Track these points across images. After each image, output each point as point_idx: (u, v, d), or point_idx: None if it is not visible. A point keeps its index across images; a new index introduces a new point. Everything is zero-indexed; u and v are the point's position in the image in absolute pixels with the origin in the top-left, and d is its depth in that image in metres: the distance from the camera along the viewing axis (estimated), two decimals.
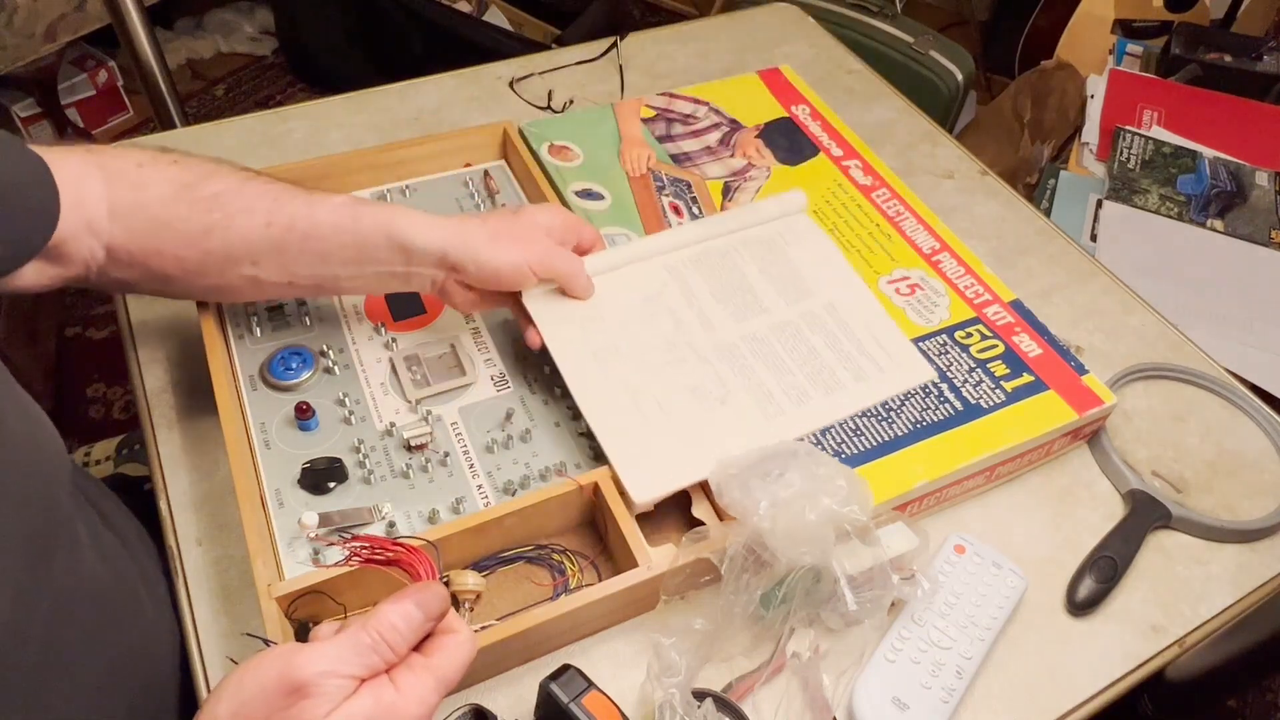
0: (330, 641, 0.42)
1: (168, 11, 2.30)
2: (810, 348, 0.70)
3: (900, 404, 0.68)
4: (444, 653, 0.44)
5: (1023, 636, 0.62)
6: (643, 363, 0.67)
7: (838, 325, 0.72)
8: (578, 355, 0.67)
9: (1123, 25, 1.74)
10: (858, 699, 0.56)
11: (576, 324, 0.68)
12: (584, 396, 0.65)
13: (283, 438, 0.63)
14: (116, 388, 1.65)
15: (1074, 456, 0.73)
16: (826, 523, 0.54)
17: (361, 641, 0.42)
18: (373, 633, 0.42)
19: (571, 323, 0.68)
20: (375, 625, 0.42)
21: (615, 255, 0.73)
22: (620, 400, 0.65)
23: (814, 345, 0.70)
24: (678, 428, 0.64)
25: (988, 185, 0.95)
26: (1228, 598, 0.66)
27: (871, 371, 0.69)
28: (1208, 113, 1.45)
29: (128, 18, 1.28)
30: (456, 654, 0.44)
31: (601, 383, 0.65)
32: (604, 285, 0.71)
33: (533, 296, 0.68)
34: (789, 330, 0.71)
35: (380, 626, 0.42)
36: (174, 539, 0.62)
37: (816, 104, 0.95)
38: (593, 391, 0.65)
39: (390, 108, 0.97)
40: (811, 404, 0.66)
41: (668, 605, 0.59)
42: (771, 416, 0.65)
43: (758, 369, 0.68)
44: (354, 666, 0.41)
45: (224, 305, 0.71)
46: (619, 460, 0.61)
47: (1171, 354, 0.81)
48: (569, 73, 1.04)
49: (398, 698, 0.41)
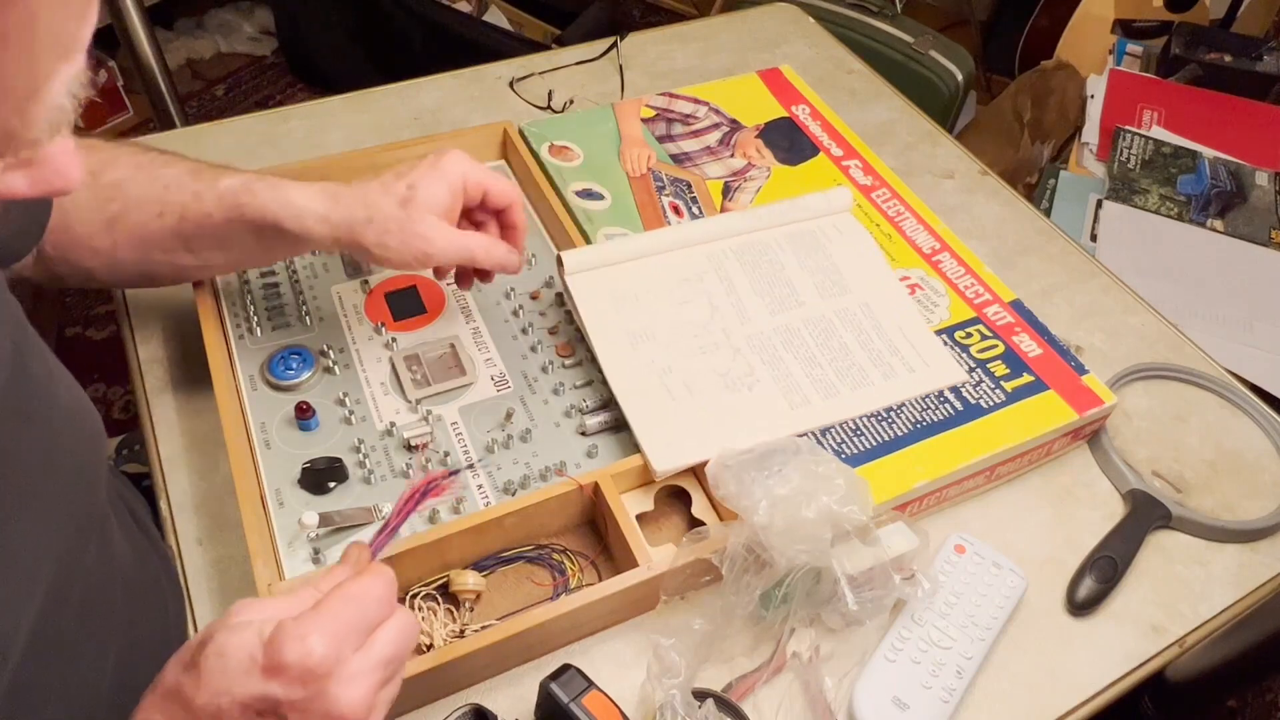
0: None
1: (168, 11, 2.29)
2: (842, 343, 0.71)
3: (900, 404, 0.68)
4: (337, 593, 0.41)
5: (1023, 636, 0.62)
6: (675, 346, 0.69)
7: (871, 324, 0.72)
8: (613, 334, 0.68)
9: (1123, 25, 1.74)
10: (858, 699, 0.56)
11: (615, 304, 0.70)
12: (614, 373, 0.66)
13: (283, 438, 0.63)
14: (116, 388, 1.65)
15: (1074, 456, 0.73)
16: (824, 521, 0.54)
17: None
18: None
19: (609, 301, 0.70)
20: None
21: (658, 238, 0.75)
22: (649, 379, 0.66)
23: (846, 341, 0.71)
24: (703, 408, 0.65)
25: (988, 185, 0.95)
26: (1228, 598, 0.66)
27: (901, 371, 0.70)
28: (1208, 113, 1.45)
29: (128, 18, 1.28)
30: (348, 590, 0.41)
31: (633, 362, 0.67)
32: (644, 267, 0.73)
33: (574, 277, 0.70)
34: (822, 325, 0.72)
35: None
36: (174, 539, 0.62)
37: (816, 104, 0.95)
38: (623, 369, 0.66)
39: (390, 108, 0.97)
40: (838, 398, 0.67)
41: (668, 605, 0.59)
42: (796, 406, 0.66)
43: (787, 360, 0.69)
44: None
45: (223, 304, 0.71)
46: (641, 429, 0.63)
47: (1171, 354, 0.81)
48: (569, 73, 1.04)
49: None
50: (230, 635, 0.39)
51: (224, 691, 0.38)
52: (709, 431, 0.63)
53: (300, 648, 0.38)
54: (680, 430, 0.63)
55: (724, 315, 0.71)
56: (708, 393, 0.66)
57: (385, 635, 0.41)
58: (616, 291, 0.71)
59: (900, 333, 0.72)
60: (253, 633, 0.39)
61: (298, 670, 0.38)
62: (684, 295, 0.72)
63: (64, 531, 0.46)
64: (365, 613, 0.40)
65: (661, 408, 0.65)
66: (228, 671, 0.38)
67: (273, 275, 0.74)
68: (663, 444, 0.62)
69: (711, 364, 0.68)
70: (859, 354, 0.70)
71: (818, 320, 0.72)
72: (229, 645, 0.38)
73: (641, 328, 0.69)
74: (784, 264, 0.76)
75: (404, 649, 0.42)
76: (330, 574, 0.45)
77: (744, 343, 0.70)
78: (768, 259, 0.76)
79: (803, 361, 0.69)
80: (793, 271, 0.75)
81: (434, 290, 0.74)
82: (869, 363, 0.70)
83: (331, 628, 0.39)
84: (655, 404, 0.65)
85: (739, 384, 0.67)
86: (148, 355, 0.73)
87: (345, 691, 0.38)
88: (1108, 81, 1.50)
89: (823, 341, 0.71)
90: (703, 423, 0.64)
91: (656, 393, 0.66)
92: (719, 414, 0.65)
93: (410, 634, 0.42)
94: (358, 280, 0.74)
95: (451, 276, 0.71)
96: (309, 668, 0.38)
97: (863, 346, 0.71)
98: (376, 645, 0.40)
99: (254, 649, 0.38)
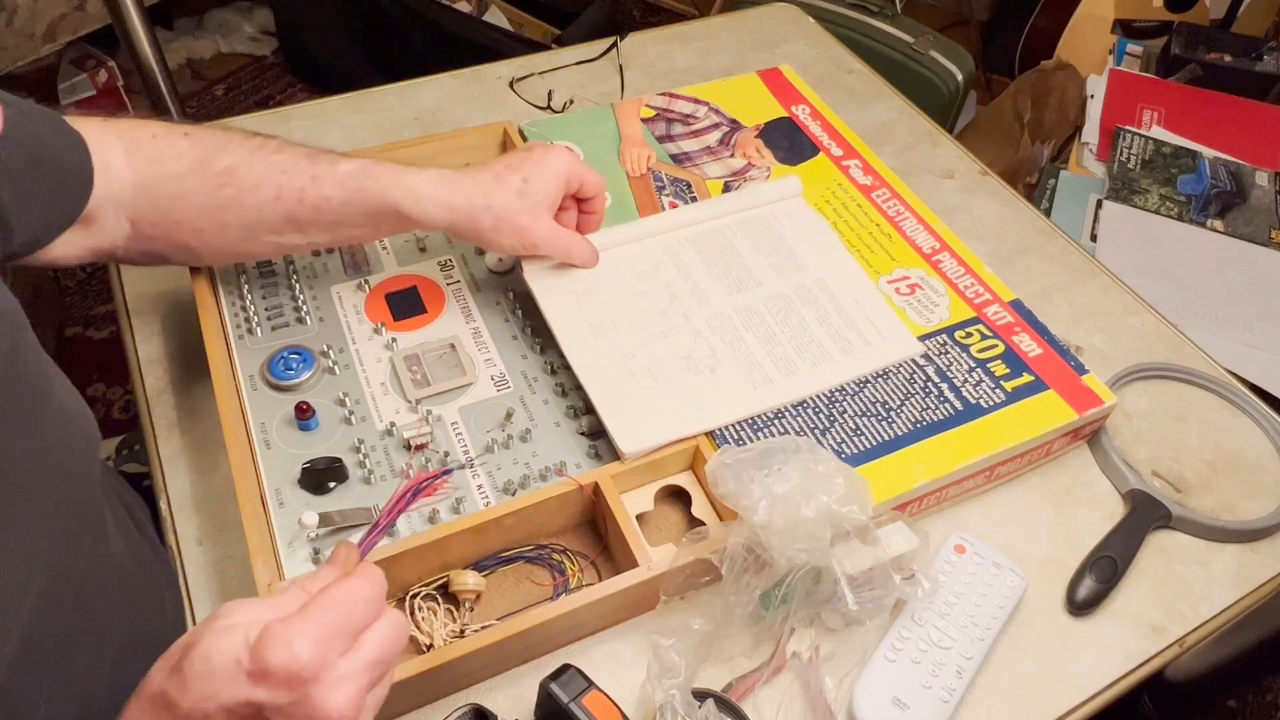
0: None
1: (168, 11, 2.29)
2: (800, 320, 0.72)
3: (900, 403, 0.68)
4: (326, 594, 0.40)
5: (1023, 636, 0.62)
6: (637, 333, 0.70)
7: (828, 300, 0.74)
8: (575, 326, 0.69)
9: (1123, 25, 1.74)
10: (858, 699, 0.56)
11: (574, 297, 0.71)
12: (579, 363, 0.67)
13: (283, 438, 0.63)
14: (116, 388, 1.65)
15: (1074, 456, 0.73)
16: (824, 520, 0.54)
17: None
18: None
19: (569, 296, 0.71)
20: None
21: (615, 234, 0.76)
22: (614, 366, 0.67)
23: (804, 318, 0.72)
24: (667, 390, 0.66)
25: (988, 185, 0.95)
26: (1228, 598, 0.66)
27: (859, 345, 0.71)
28: (1208, 113, 1.45)
29: (128, 18, 1.28)
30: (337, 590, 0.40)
31: (596, 351, 0.68)
32: (602, 262, 0.74)
33: (532, 270, 0.72)
34: (780, 303, 0.73)
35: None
36: (174, 539, 0.62)
37: (816, 104, 0.95)
38: (588, 359, 0.67)
39: (390, 108, 0.97)
40: (799, 375, 0.68)
41: (667, 605, 0.59)
42: (759, 385, 0.67)
43: (748, 339, 0.70)
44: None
45: (224, 304, 0.71)
46: (608, 413, 0.64)
47: (1171, 354, 0.81)
48: (569, 73, 1.04)
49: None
50: (216, 639, 0.39)
51: (209, 696, 0.38)
52: (674, 413, 0.65)
53: (286, 652, 0.37)
54: (646, 412, 0.64)
55: (683, 300, 0.72)
56: (671, 375, 0.67)
57: (373, 637, 0.40)
58: (576, 287, 0.72)
59: (857, 306, 0.73)
60: (238, 636, 0.38)
61: (283, 675, 0.37)
62: (643, 287, 0.73)
63: (57, 533, 0.46)
64: (352, 615, 0.40)
65: (626, 392, 0.66)
66: (213, 676, 0.38)
67: (272, 275, 0.74)
68: (629, 427, 0.63)
69: (674, 348, 0.69)
70: (817, 330, 0.71)
71: (775, 298, 0.73)
72: (214, 649, 0.38)
73: (603, 319, 0.70)
74: (739, 249, 0.77)
75: (393, 651, 0.41)
76: (318, 575, 0.44)
77: (704, 324, 0.71)
78: (723, 245, 0.77)
79: (763, 340, 0.70)
80: (748, 255, 0.76)
81: (434, 290, 0.74)
82: (828, 339, 0.71)
83: (317, 631, 0.38)
84: (620, 389, 0.66)
85: (701, 365, 0.68)
86: (148, 355, 0.73)
87: (332, 695, 0.38)
88: (1108, 81, 1.50)
89: (781, 319, 0.72)
90: (668, 404, 0.65)
91: (621, 378, 0.66)
92: (683, 395, 0.66)
93: (399, 635, 0.42)
94: (358, 280, 0.74)
95: (456, 276, 0.73)
96: (294, 672, 0.37)
97: (821, 323, 0.72)
98: (364, 648, 0.40)
99: (240, 653, 0.38)
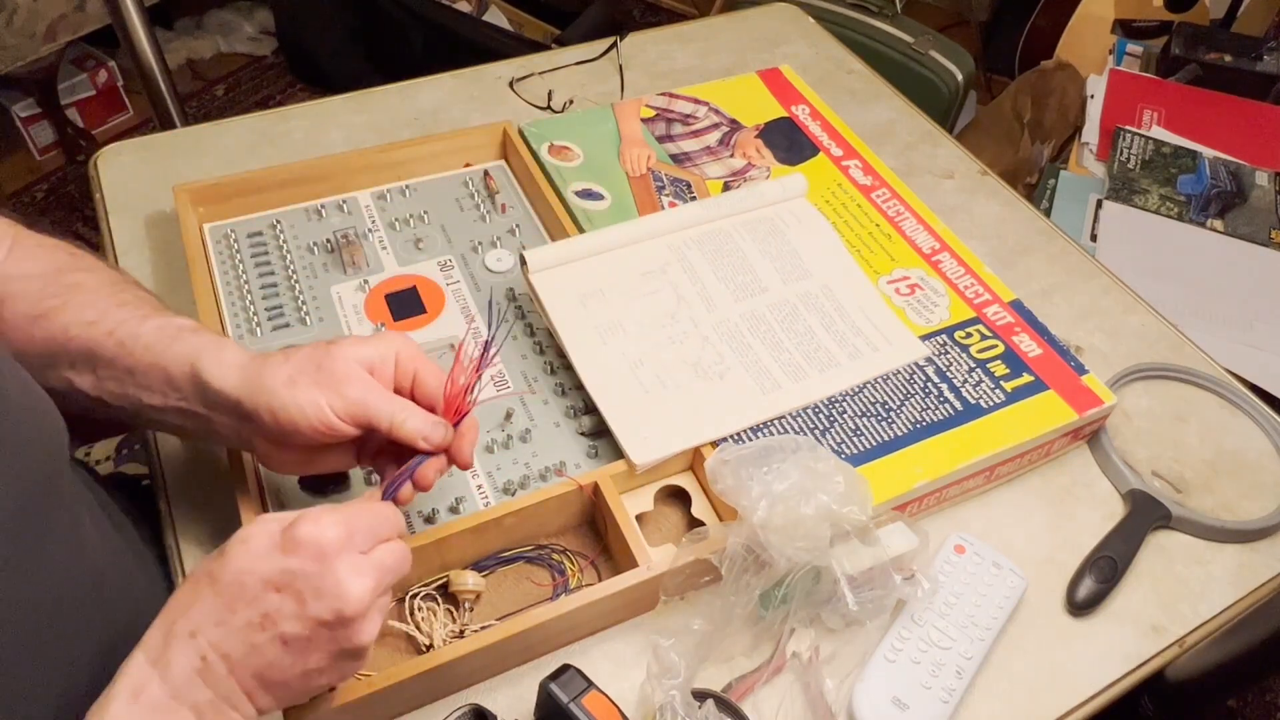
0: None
1: (168, 11, 2.29)
2: (807, 327, 0.72)
3: (900, 404, 0.68)
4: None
5: (1023, 636, 0.62)
6: (645, 338, 0.69)
7: (833, 306, 0.74)
8: (581, 331, 0.69)
9: (1123, 25, 1.74)
10: (858, 699, 0.56)
11: (581, 301, 0.70)
12: (586, 369, 0.66)
13: None
14: None
15: (1074, 456, 0.73)
16: (823, 520, 0.54)
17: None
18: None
19: (576, 299, 0.70)
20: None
21: (620, 232, 0.75)
22: (621, 373, 0.67)
23: (810, 325, 0.72)
24: (676, 399, 0.66)
25: (988, 185, 0.95)
26: (1228, 598, 0.66)
27: (866, 350, 0.71)
28: (1208, 113, 1.45)
29: (128, 18, 1.28)
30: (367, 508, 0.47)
31: (604, 357, 0.67)
32: (607, 261, 0.73)
33: (536, 270, 0.71)
34: (786, 310, 0.73)
35: None
36: (174, 539, 0.62)
37: (816, 104, 0.95)
38: (595, 365, 0.67)
39: (390, 108, 0.97)
40: (807, 380, 0.68)
41: (667, 605, 0.59)
42: (768, 390, 0.67)
43: (755, 346, 0.70)
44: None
45: (224, 304, 0.71)
46: (618, 425, 0.63)
47: (1171, 354, 0.81)
48: (569, 73, 1.04)
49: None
50: (255, 526, 0.45)
51: (247, 570, 0.44)
52: (685, 422, 0.64)
53: (315, 528, 0.44)
54: (656, 423, 0.64)
55: (690, 304, 0.72)
56: (680, 383, 0.67)
57: (388, 548, 0.47)
58: (582, 288, 0.71)
59: (862, 313, 0.73)
60: (274, 523, 0.45)
61: (312, 547, 0.43)
62: (649, 287, 0.73)
63: (15, 533, 0.45)
64: (375, 523, 0.46)
65: (636, 402, 0.65)
66: (251, 552, 0.44)
67: (272, 275, 0.74)
68: (640, 438, 0.63)
69: (681, 354, 0.69)
70: (824, 336, 0.71)
71: (781, 305, 0.73)
72: (253, 532, 0.45)
73: (609, 322, 0.70)
74: (745, 251, 0.77)
75: (400, 569, 0.47)
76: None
77: (712, 331, 0.71)
78: (729, 247, 0.77)
79: (770, 347, 0.70)
80: (754, 258, 0.76)
81: (434, 290, 0.74)
82: (834, 344, 0.71)
83: (345, 521, 0.45)
84: (630, 398, 0.65)
85: (710, 372, 0.68)
86: None
87: (353, 580, 0.44)
88: (1108, 81, 1.50)
89: (788, 326, 0.72)
90: (678, 413, 0.65)
91: (630, 387, 0.66)
92: (693, 404, 0.66)
93: (406, 562, 0.48)
94: (358, 280, 0.74)
95: (456, 276, 0.71)
96: (321, 545, 0.43)
97: (826, 329, 0.72)
98: (379, 552, 0.46)
99: (275, 535, 0.44)
